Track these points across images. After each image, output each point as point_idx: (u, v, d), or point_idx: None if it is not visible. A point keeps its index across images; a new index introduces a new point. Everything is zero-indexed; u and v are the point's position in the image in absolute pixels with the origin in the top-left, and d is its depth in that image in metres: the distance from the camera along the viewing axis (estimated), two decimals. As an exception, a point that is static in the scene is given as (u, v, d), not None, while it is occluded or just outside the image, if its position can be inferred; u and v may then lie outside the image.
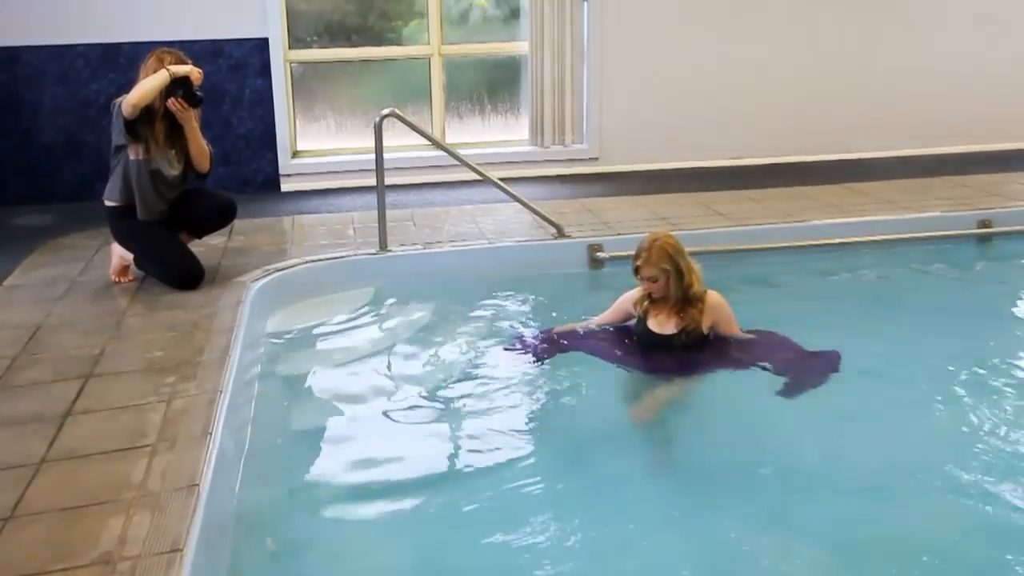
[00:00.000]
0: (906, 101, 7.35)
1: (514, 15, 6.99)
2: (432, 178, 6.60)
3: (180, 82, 4.21)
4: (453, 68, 6.96)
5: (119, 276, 4.52)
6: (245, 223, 5.44)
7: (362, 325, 4.42)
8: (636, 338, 3.93)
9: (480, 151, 6.71)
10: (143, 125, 4.25)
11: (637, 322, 3.94)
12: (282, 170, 6.61)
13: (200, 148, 4.43)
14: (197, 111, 4.37)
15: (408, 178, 6.45)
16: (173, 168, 4.43)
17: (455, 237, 5.22)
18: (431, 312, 4.56)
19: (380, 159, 4.83)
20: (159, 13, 6.20)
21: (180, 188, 4.52)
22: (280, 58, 6.46)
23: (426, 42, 6.83)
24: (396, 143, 6.03)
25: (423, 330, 4.37)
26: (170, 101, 4.23)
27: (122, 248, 4.48)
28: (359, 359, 4.04)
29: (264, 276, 4.57)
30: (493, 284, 4.78)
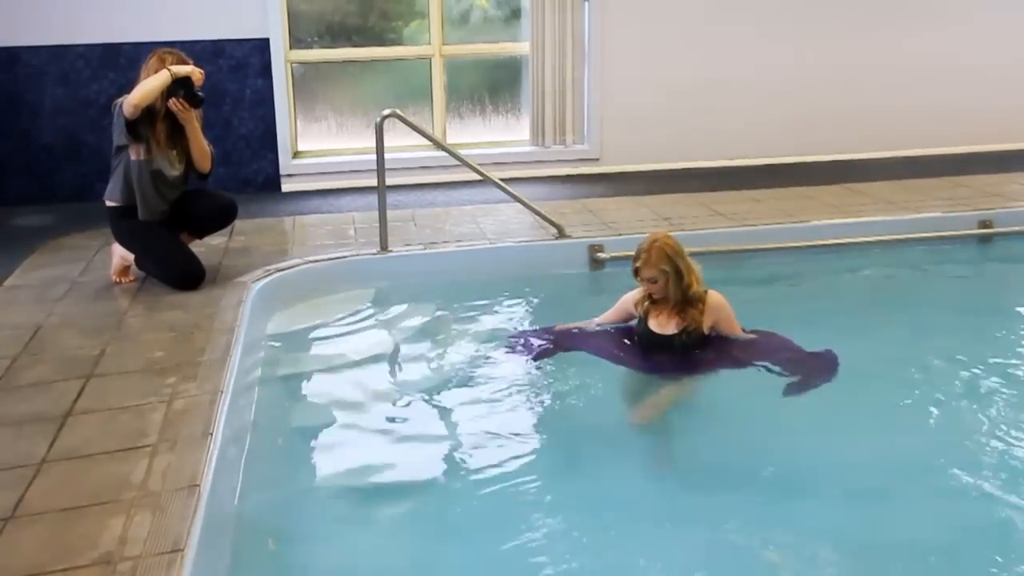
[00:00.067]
0: (906, 101, 7.35)
1: (515, 15, 6.99)
2: (433, 178, 6.61)
3: (181, 82, 4.22)
4: (454, 68, 6.96)
5: (120, 276, 4.52)
6: (246, 223, 5.44)
7: (363, 326, 4.42)
8: (637, 338, 3.93)
9: (481, 151, 6.71)
10: (144, 125, 4.25)
11: (638, 322, 3.94)
12: (283, 170, 6.61)
13: (201, 148, 4.43)
14: (198, 111, 4.37)
15: (409, 178, 6.46)
16: (174, 168, 4.43)
17: (456, 237, 5.21)
18: (432, 312, 4.57)
19: (381, 159, 4.83)
20: (160, 13, 6.20)
21: (181, 188, 4.53)
22: (281, 58, 6.47)
23: (427, 42, 6.83)
24: (397, 143, 6.03)
25: (424, 330, 4.38)
26: (171, 101, 4.24)
27: (123, 248, 4.48)
28: (360, 360, 4.04)
29: (265, 276, 4.57)
30: (494, 284, 4.79)
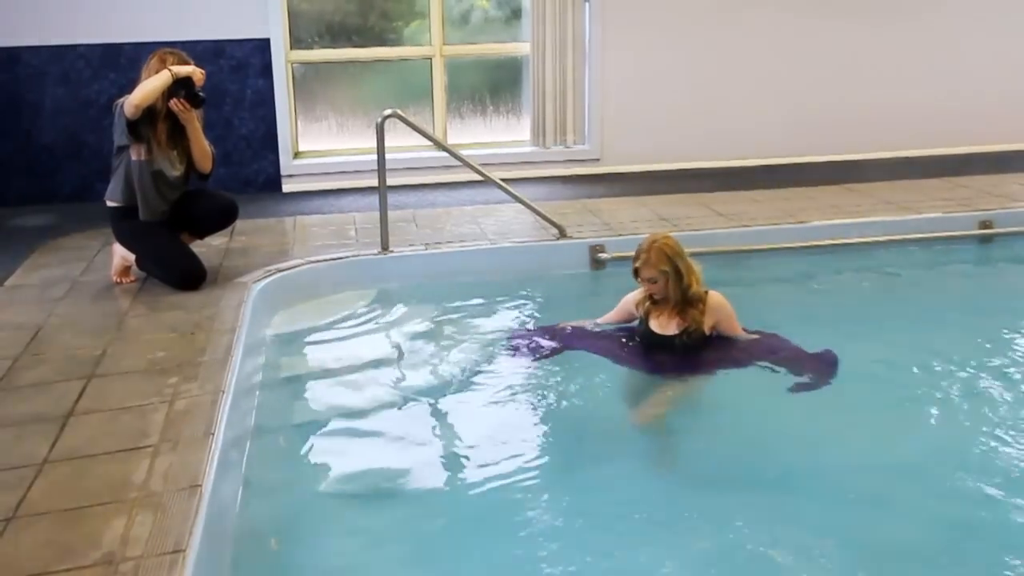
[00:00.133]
0: (907, 102, 7.35)
1: (515, 16, 6.99)
2: (434, 179, 6.61)
3: (182, 82, 4.21)
4: (455, 69, 6.96)
5: (120, 277, 4.52)
6: (247, 224, 5.44)
7: (364, 326, 4.42)
8: (639, 339, 3.93)
9: (482, 152, 6.71)
10: (145, 126, 4.25)
11: (639, 323, 3.94)
12: (283, 171, 6.61)
13: (202, 149, 4.43)
14: (199, 112, 4.37)
15: (410, 179, 6.46)
16: (175, 169, 4.43)
17: (457, 238, 5.22)
18: (433, 312, 4.57)
19: (382, 160, 4.83)
20: (160, 13, 6.20)
21: (182, 189, 4.53)
22: (282, 59, 6.47)
23: (428, 43, 6.83)
24: (398, 143, 6.03)
25: (425, 330, 4.37)
26: (172, 102, 4.24)
27: (124, 249, 4.48)
28: (361, 360, 4.04)
29: (266, 277, 4.57)
30: (495, 285, 4.79)
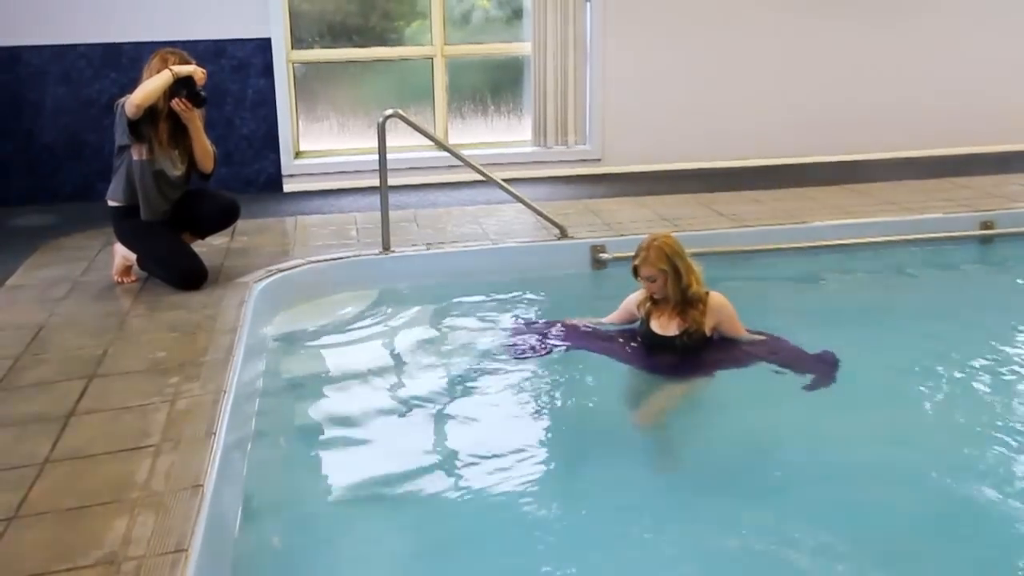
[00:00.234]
0: (907, 102, 7.35)
1: (516, 16, 7.00)
2: (435, 179, 6.61)
3: (184, 82, 4.21)
4: (456, 69, 6.96)
5: (122, 276, 4.52)
6: (248, 224, 5.44)
7: (365, 326, 4.42)
8: (640, 339, 3.93)
9: (483, 152, 6.71)
10: (147, 125, 4.25)
11: (640, 324, 3.94)
12: (285, 170, 6.61)
13: (204, 148, 4.43)
14: (201, 111, 4.37)
15: (411, 179, 6.46)
16: (176, 168, 4.43)
17: (458, 238, 5.21)
18: (434, 312, 4.57)
19: (383, 159, 4.82)
20: (162, 13, 6.20)
21: (183, 188, 4.52)
22: (283, 58, 6.46)
23: (429, 43, 6.83)
24: (399, 143, 6.03)
25: (426, 330, 4.37)
26: (174, 101, 4.23)
27: (125, 248, 4.48)
28: (362, 360, 4.04)
29: (267, 277, 4.57)
30: (496, 285, 4.79)
